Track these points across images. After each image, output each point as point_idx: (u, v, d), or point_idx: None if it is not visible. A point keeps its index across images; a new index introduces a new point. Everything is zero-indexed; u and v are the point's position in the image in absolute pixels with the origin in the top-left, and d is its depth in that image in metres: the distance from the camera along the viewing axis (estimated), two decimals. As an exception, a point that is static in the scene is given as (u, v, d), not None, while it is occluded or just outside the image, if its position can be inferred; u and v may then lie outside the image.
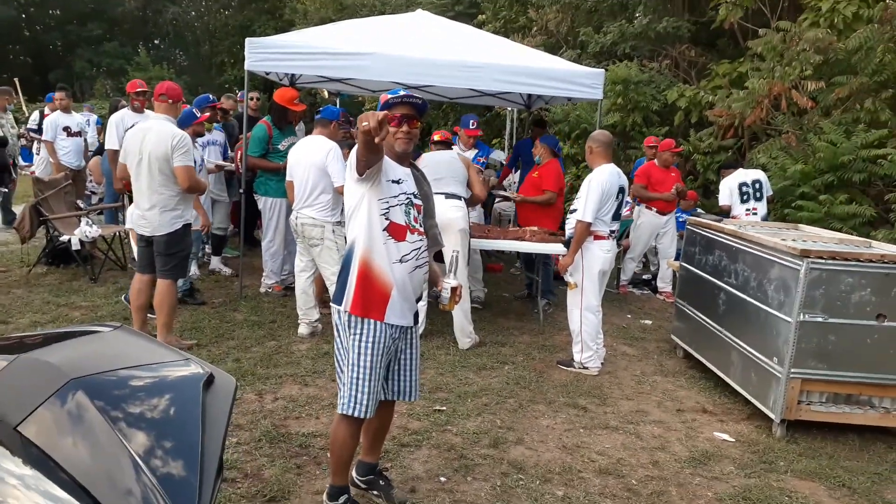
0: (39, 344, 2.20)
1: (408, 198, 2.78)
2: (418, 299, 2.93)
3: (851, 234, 6.10)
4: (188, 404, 1.98)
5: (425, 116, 2.89)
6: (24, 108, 7.90)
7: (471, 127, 7.00)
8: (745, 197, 7.35)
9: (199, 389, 2.03)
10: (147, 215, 4.67)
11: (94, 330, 2.32)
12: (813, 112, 8.43)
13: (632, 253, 7.80)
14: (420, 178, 2.92)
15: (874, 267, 3.96)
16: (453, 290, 2.93)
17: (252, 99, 7.62)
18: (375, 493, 3.08)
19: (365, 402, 2.75)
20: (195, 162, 4.85)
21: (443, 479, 3.36)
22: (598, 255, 4.96)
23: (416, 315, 2.93)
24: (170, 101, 4.78)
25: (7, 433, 1.80)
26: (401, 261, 2.75)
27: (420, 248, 2.81)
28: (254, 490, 3.10)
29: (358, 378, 2.74)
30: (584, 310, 5.01)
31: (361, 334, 2.74)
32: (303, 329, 5.29)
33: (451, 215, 5.19)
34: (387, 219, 2.73)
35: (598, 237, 4.94)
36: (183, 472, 1.80)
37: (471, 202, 5.67)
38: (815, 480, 3.65)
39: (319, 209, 5.18)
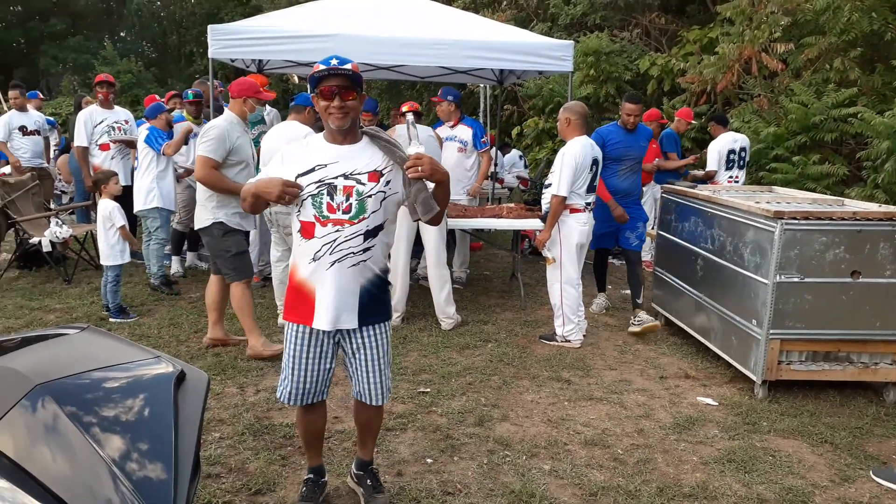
0: (3, 350, 2.15)
1: (322, 185, 2.57)
2: (365, 297, 2.66)
3: (825, 194, 6.14)
4: (160, 404, 1.94)
5: (369, 90, 2.79)
6: (3, 106, 7.55)
7: (447, 99, 6.60)
8: (730, 164, 7.24)
9: (171, 388, 1.99)
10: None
11: (59, 333, 2.27)
12: (783, 74, 8.45)
13: None
14: (363, 151, 2.64)
15: (847, 225, 3.99)
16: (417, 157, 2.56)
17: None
18: (362, 491, 3.00)
19: (289, 389, 2.75)
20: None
21: (429, 460, 3.35)
22: (575, 228, 4.95)
23: (369, 314, 2.68)
24: (233, 97, 4.64)
25: (-26, 444, 1.76)
26: (314, 259, 2.60)
27: (336, 239, 2.57)
28: (238, 484, 3.07)
29: (286, 365, 2.76)
30: (564, 283, 5.01)
31: (291, 329, 2.73)
32: (282, 320, 5.24)
33: None
34: (298, 220, 2.63)
35: (573, 210, 4.92)
36: (158, 474, 1.77)
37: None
38: (797, 438, 3.69)
39: None
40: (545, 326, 5.38)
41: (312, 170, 2.59)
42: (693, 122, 7.93)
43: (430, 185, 2.64)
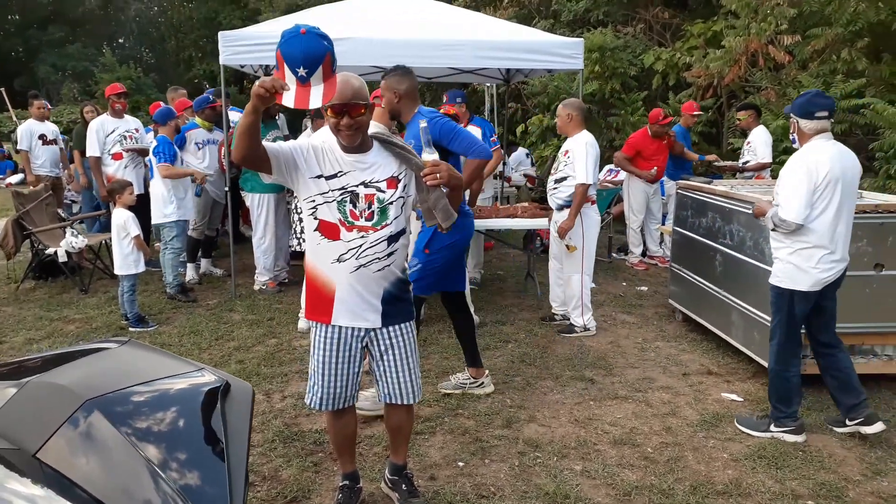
0: (47, 366, 2.15)
1: (346, 193, 2.56)
2: (388, 299, 2.68)
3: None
4: (209, 416, 1.95)
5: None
6: (14, 117, 7.57)
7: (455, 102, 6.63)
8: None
9: (218, 400, 2.00)
10: None
11: (101, 347, 2.28)
12: (790, 66, 8.44)
13: (636, 224, 7.58)
14: (377, 157, 2.63)
15: (869, 217, 3.98)
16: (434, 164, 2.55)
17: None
18: (397, 496, 3.01)
19: (319, 395, 2.75)
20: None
21: (461, 463, 3.36)
22: (593, 219, 5.15)
23: (393, 314, 2.71)
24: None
25: (26, 461, 1.76)
26: (338, 260, 2.59)
27: (361, 245, 2.58)
28: (273, 492, 3.08)
29: (314, 371, 2.76)
30: (584, 274, 5.11)
31: (316, 333, 2.73)
32: (302, 324, 5.25)
33: None
34: (315, 218, 2.59)
35: (591, 201, 5.05)
36: (212, 487, 1.77)
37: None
38: (825, 433, 3.69)
39: None
40: (561, 324, 5.39)
41: (335, 175, 2.58)
42: (697, 113, 7.92)
43: (444, 189, 2.67)
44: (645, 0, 11.08)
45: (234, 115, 6.80)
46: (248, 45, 5.70)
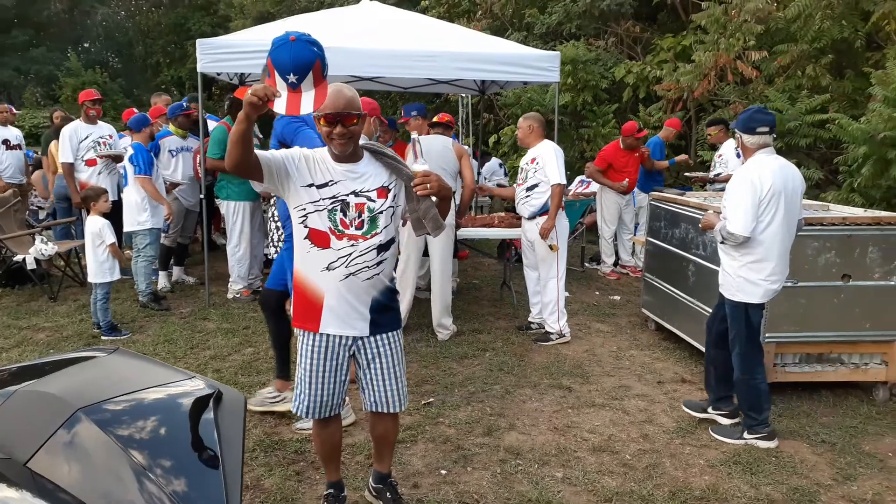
0: (36, 374, 2.13)
1: (336, 202, 2.58)
2: (376, 307, 2.72)
3: (804, 199, 6.30)
4: (203, 425, 1.95)
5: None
6: None
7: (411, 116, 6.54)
8: None
9: (211, 408, 1.99)
10: None
11: (90, 355, 2.26)
12: (757, 81, 8.67)
13: (608, 234, 7.72)
14: (368, 167, 2.65)
15: (837, 229, 4.12)
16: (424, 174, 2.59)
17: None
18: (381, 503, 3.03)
19: (306, 403, 2.76)
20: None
21: (443, 471, 3.38)
22: (564, 224, 5.30)
23: (381, 323, 2.74)
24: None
25: (17, 471, 1.75)
26: (328, 269, 2.62)
27: (351, 254, 2.60)
28: (257, 502, 3.07)
29: (301, 379, 2.77)
30: (559, 279, 5.25)
31: (303, 342, 2.74)
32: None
33: None
34: (305, 226, 2.61)
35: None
36: (209, 495, 1.77)
37: (463, 199, 5.55)
38: (797, 439, 3.79)
39: None
40: (536, 333, 5.45)
41: (326, 184, 2.60)
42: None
43: (434, 199, 2.71)
44: (616, 14, 11.27)
45: (210, 123, 6.75)
46: (226, 53, 5.69)
